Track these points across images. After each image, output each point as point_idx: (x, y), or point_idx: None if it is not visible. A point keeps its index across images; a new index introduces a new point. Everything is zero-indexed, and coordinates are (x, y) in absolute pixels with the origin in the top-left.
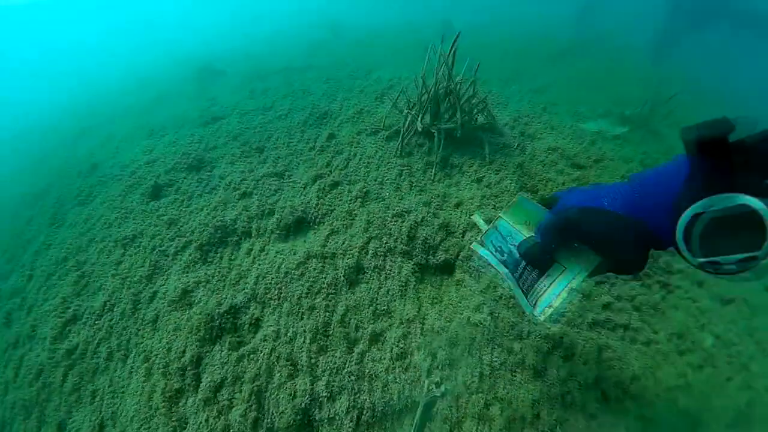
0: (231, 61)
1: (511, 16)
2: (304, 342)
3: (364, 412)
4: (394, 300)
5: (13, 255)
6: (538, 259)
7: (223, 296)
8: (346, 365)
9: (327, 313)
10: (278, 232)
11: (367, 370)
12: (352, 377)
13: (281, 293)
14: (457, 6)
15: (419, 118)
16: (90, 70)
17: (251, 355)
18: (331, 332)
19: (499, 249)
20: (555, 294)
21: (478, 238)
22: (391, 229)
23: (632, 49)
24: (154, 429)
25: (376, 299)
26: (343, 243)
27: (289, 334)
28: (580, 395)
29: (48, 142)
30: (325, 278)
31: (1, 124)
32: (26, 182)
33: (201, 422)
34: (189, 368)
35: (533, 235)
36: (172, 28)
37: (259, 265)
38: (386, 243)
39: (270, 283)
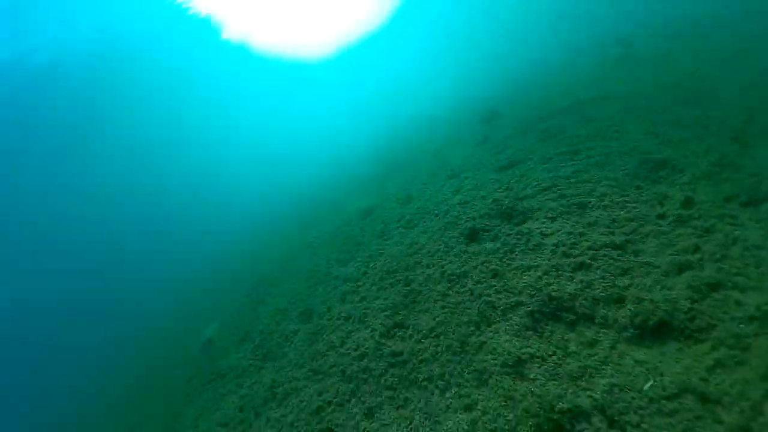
0: (506, 97)
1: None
2: None
3: None
4: None
5: (352, 256)
6: None
7: (564, 389)
8: None
9: None
10: (632, 330)
11: None
12: None
13: (642, 423)
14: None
15: None
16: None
17: None
18: None
19: None
20: None
21: None
22: None
23: None
24: None
25: None
26: (734, 386)
27: None
28: None
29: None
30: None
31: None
32: (354, 205)
33: None
34: None
35: None
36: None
37: (615, 371)
38: None
39: (628, 402)
